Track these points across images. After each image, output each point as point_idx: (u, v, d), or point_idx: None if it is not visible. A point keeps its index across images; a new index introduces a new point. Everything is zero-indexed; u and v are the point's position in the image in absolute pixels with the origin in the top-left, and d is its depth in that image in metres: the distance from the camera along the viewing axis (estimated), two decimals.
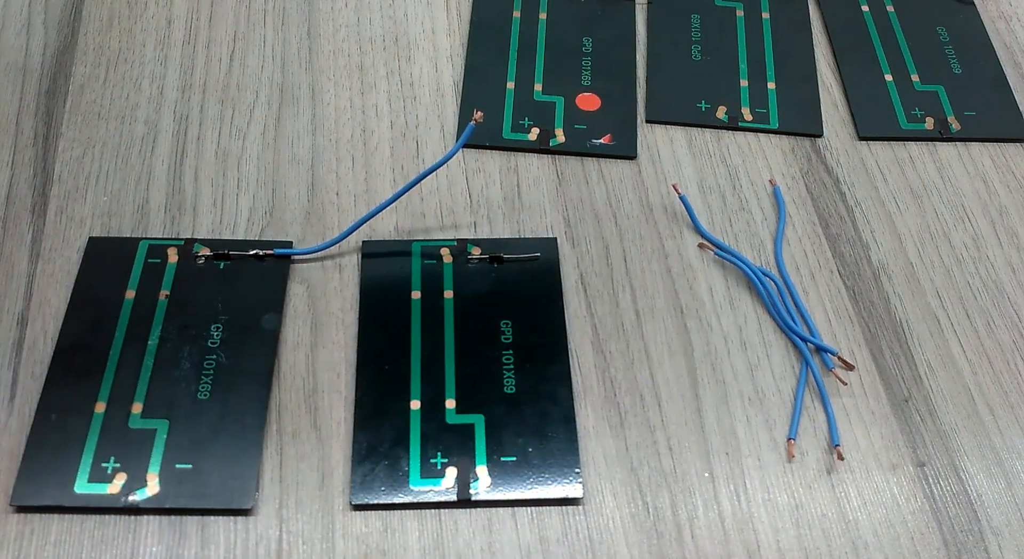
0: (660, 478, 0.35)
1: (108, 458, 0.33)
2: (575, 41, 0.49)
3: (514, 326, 0.38)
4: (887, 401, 0.38)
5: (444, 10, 0.49)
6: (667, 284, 0.40)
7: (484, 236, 0.41)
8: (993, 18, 0.52)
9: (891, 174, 0.45)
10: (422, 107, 0.45)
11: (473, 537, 0.33)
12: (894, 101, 0.48)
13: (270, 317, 0.38)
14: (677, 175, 0.44)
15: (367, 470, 0.34)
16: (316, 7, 0.49)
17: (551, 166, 0.44)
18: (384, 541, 0.33)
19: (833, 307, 0.40)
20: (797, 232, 0.43)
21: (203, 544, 0.32)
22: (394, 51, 0.48)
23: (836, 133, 0.46)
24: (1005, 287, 0.42)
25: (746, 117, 0.46)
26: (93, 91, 0.45)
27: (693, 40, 0.49)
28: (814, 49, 0.50)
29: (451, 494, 0.34)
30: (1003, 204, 0.44)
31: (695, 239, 0.42)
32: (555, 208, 0.42)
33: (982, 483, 0.36)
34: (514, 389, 0.36)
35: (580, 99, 0.46)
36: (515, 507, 0.34)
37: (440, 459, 0.34)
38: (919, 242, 0.43)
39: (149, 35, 0.47)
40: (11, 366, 0.36)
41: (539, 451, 0.35)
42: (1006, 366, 0.39)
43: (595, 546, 0.33)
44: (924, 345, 0.39)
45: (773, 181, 0.44)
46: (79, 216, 0.40)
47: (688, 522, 0.34)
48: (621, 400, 0.37)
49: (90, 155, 0.42)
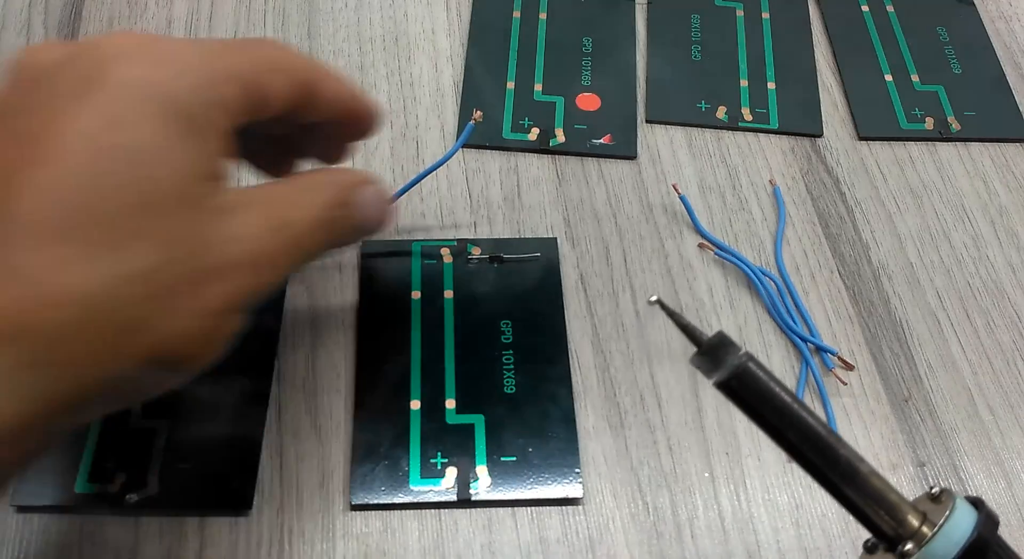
0: (660, 478, 0.35)
1: (108, 458, 0.33)
2: (575, 41, 0.49)
3: (514, 326, 0.38)
4: (887, 401, 0.38)
5: (444, 10, 0.49)
6: (667, 284, 0.40)
7: (484, 236, 0.41)
8: (993, 18, 0.52)
9: (891, 174, 0.45)
10: (422, 107, 0.45)
11: (473, 537, 0.33)
12: (894, 101, 0.48)
13: (269, 317, 0.38)
14: (677, 175, 0.44)
15: (367, 470, 0.34)
16: (316, 7, 0.49)
17: (551, 166, 0.44)
18: (384, 541, 0.33)
19: (833, 307, 0.40)
20: (797, 232, 0.43)
21: (203, 544, 0.32)
22: (394, 51, 0.48)
23: (836, 133, 0.46)
24: (1005, 287, 0.42)
25: (746, 117, 0.46)
26: None
27: (693, 40, 0.49)
28: (814, 49, 0.50)
29: (451, 494, 0.34)
30: (1003, 204, 0.44)
31: (695, 239, 0.42)
32: (555, 208, 0.42)
33: (982, 483, 0.36)
34: (514, 389, 0.36)
35: (580, 99, 0.46)
36: (515, 507, 0.34)
37: (440, 459, 0.34)
38: (919, 242, 0.43)
39: None
40: None
41: (539, 451, 0.35)
42: (1006, 366, 0.39)
43: (595, 546, 0.33)
44: (924, 345, 0.39)
45: (773, 181, 0.44)
46: None
47: (688, 522, 0.34)
48: (621, 400, 0.37)
49: None
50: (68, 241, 0.23)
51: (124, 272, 0.23)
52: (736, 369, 0.24)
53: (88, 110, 0.24)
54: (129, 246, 0.24)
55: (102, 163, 0.24)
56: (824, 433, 0.24)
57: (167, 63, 0.25)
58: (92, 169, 0.24)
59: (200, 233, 0.25)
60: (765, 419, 0.24)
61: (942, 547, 0.23)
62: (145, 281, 0.24)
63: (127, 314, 0.23)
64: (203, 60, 0.26)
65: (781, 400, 0.24)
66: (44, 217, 0.23)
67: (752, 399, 0.24)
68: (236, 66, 0.27)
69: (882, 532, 0.24)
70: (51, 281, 0.22)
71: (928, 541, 0.23)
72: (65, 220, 0.23)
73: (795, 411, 0.24)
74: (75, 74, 0.25)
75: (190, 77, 0.26)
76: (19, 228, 0.23)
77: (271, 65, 0.28)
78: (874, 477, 0.24)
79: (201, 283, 0.25)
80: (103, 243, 0.23)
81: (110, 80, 0.25)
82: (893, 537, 0.24)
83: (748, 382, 0.24)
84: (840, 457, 0.24)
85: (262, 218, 0.27)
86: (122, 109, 0.24)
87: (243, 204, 0.27)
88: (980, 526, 0.23)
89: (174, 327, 0.24)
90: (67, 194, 0.23)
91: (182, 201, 0.25)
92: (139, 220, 0.24)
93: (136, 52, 0.25)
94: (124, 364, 0.24)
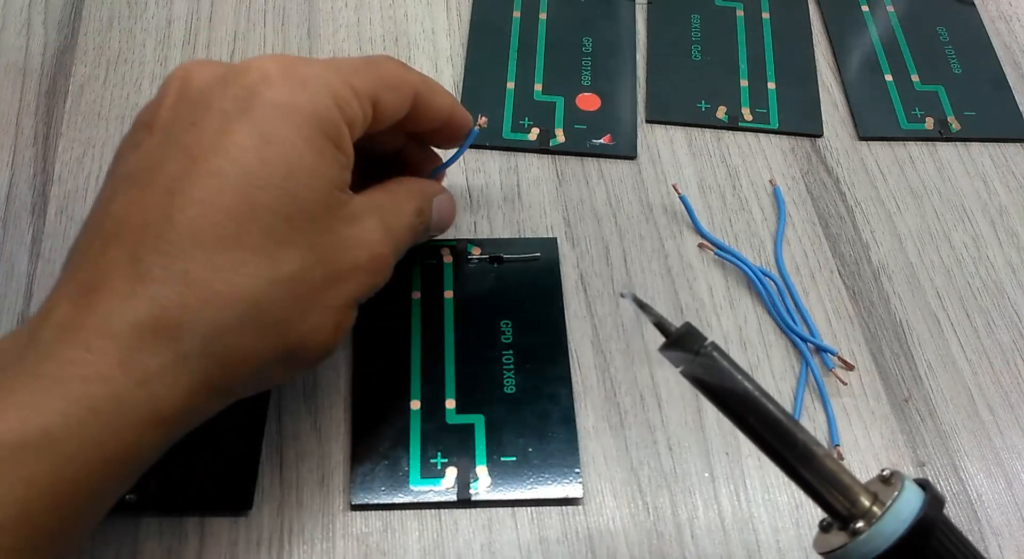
0: (660, 478, 0.35)
1: None
2: (575, 41, 0.49)
3: (514, 326, 0.38)
4: (887, 401, 0.38)
5: (444, 10, 0.49)
6: (667, 284, 0.40)
7: (484, 236, 0.41)
8: (993, 18, 0.52)
9: (891, 174, 0.45)
10: None
11: (473, 537, 0.33)
12: (894, 101, 0.48)
13: None
14: (677, 175, 0.44)
15: (367, 470, 0.34)
16: (316, 7, 0.49)
17: (551, 166, 0.44)
18: (384, 541, 0.33)
19: (833, 307, 0.40)
20: (797, 232, 0.43)
21: (203, 544, 0.32)
22: (394, 51, 0.48)
23: (836, 133, 0.46)
24: (1005, 287, 0.42)
25: (746, 117, 0.46)
26: (93, 91, 0.45)
27: (693, 40, 0.49)
28: (814, 49, 0.50)
29: (451, 494, 0.34)
30: (1003, 204, 0.44)
31: (695, 239, 0.42)
32: (555, 208, 0.42)
33: (982, 483, 0.36)
34: (514, 389, 0.36)
35: (580, 99, 0.46)
36: (515, 507, 0.34)
37: (440, 459, 0.34)
38: (919, 242, 0.43)
39: (149, 35, 0.47)
40: None
41: (539, 451, 0.35)
42: (1006, 366, 0.39)
43: (595, 546, 0.33)
44: (924, 345, 0.39)
45: (773, 181, 0.44)
46: (79, 216, 0.40)
47: (688, 522, 0.34)
48: (621, 400, 0.37)
49: (90, 155, 0.42)
50: (229, 247, 0.26)
51: (277, 276, 0.27)
52: (700, 358, 0.25)
53: (245, 128, 0.27)
54: (281, 252, 0.27)
55: (259, 176, 0.26)
56: (783, 419, 0.25)
57: (309, 85, 0.28)
58: (250, 181, 0.26)
59: (336, 239, 0.28)
60: (728, 405, 0.25)
61: (890, 525, 0.24)
62: (293, 284, 0.27)
63: (276, 314, 0.27)
64: (339, 80, 0.29)
65: (743, 387, 0.25)
66: (208, 224, 0.26)
67: (716, 386, 0.25)
68: (364, 86, 0.30)
69: (836, 511, 0.25)
70: (213, 283, 0.25)
71: (877, 520, 0.24)
72: (227, 227, 0.26)
73: (756, 398, 0.25)
74: (231, 94, 0.28)
75: (329, 98, 0.28)
76: (185, 235, 0.26)
77: (389, 82, 0.31)
78: (829, 460, 0.25)
79: (333, 284, 0.28)
80: (259, 249, 0.26)
81: (262, 101, 0.27)
82: (846, 516, 0.25)
83: (712, 370, 0.25)
84: (798, 441, 0.25)
85: (379, 224, 0.30)
86: (274, 127, 0.27)
87: (364, 211, 0.30)
88: (926, 506, 0.25)
89: (309, 324, 0.28)
90: (229, 203, 0.26)
91: (325, 210, 0.28)
92: (289, 228, 0.27)
93: (281, 75, 0.28)
94: (268, 358, 0.27)
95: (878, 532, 0.24)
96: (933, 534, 0.25)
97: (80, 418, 0.24)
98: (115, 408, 0.24)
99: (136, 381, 0.25)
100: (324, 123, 0.28)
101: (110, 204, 0.27)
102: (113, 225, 0.27)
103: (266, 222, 0.27)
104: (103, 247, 0.26)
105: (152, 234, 0.26)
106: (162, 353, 0.25)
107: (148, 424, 0.25)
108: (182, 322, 0.25)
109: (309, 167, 0.28)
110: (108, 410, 0.24)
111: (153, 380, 0.25)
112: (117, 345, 0.25)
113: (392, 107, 0.31)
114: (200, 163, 0.26)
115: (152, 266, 0.25)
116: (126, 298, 0.25)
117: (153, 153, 0.27)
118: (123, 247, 0.26)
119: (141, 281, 0.25)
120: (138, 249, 0.26)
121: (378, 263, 0.30)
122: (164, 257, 0.25)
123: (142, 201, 0.27)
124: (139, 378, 0.25)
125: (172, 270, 0.25)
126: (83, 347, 0.24)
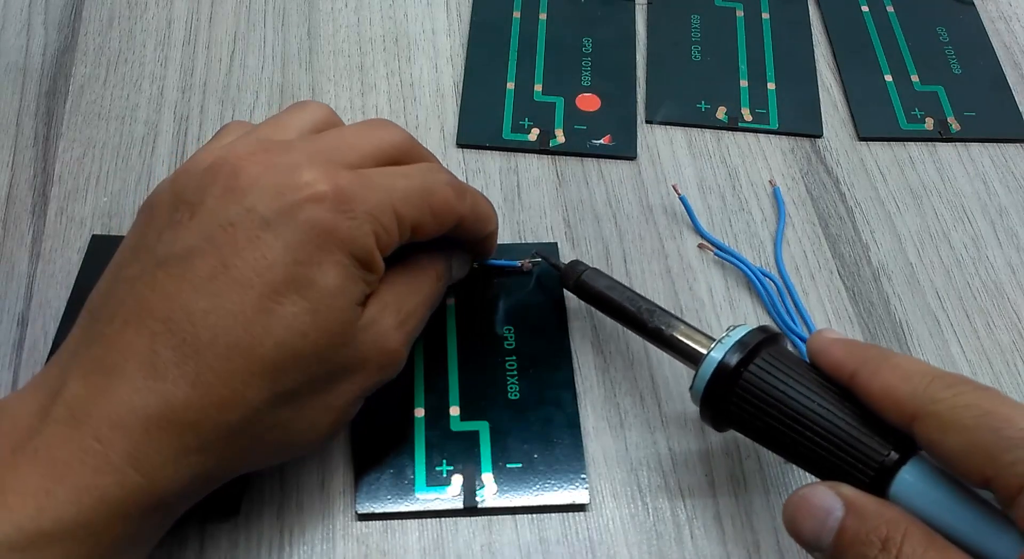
0: (660, 478, 0.35)
1: None
2: (575, 41, 0.49)
3: (517, 332, 0.38)
4: None
5: (444, 10, 0.49)
6: (667, 284, 0.40)
7: None
8: (993, 18, 0.52)
9: (891, 174, 0.45)
10: (422, 108, 0.45)
11: (473, 538, 0.33)
12: (894, 101, 0.48)
13: None
14: (677, 175, 0.44)
15: (372, 480, 0.34)
16: (316, 7, 0.49)
17: (551, 167, 0.44)
18: (384, 542, 0.33)
19: (833, 307, 0.40)
20: (797, 232, 0.43)
21: (203, 547, 0.33)
22: (394, 51, 0.48)
23: (836, 133, 0.46)
24: (1005, 287, 0.42)
25: (746, 117, 0.46)
26: (93, 91, 0.45)
27: (693, 40, 0.49)
28: (814, 49, 0.50)
29: (457, 501, 0.33)
30: (1003, 204, 0.44)
31: (695, 239, 0.42)
32: (555, 209, 0.42)
33: None
34: (518, 395, 0.36)
35: (580, 99, 0.46)
36: (520, 513, 0.34)
37: (445, 466, 0.34)
38: (919, 242, 0.43)
39: (149, 36, 0.47)
40: (11, 367, 0.36)
41: (544, 457, 0.35)
42: (1006, 367, 0.39)
43: (595, 546, 0.33)
44: (924, 345, 0.40)
45: (773, 181, 0.44)
46: (79, 217, 0.40)
47: (688, 522, 0.34)
48: (621, 400, 0.37)
49: (90, 155, 0.42)
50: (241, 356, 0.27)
51: (283, 389, 0.28)
52: (579, 277, 0.36)
53: (279, 243, 0.28)
54: (291, 365, 0.28)
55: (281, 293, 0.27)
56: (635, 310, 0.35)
57: (355, 214, 0.29)
58: (272, 297, 0.27)
59: (344, 353, 0.29)
60: (604, 309, 0.36)
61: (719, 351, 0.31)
62: (297, 396, 0.28)
63: (274, 420, 0.28)
64: (385, 208, 0.29)
65: (609, 295, 0.35)
66: (224, 331, 0.27)
67: (593, 296, 0.36)
68: (410, 215, 0.30)
69: (690, 357, 0.33)
70: (220, 389, 0.27)
71: (715, 345, 0.31)
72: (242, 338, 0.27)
73: (619, 302, 0.35)
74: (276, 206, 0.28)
75: (369, 227, 0.29)
76: (203, 338, 0.27)
77: (437, 211, 0.31)
78: (677, 331, 0.33)
79: (339, 384, 0.29)
80: (269, 363, 0.27)
81: (303, 219, 0.28)
82: (696, 357, 0.32)
83: (588, 286, 0.36)
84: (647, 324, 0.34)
85: (392, 317, 0.31)
86: (306, 249, 0.28)
87: (378, 311, 0.30)
88: (751, 333, 0.31)
89: (306, 423, 0.29)
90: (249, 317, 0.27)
91: (342, 326, 0.29)
92: (304, 343, 0.28)
93: (331, 195, 0.28)
94: (266, 453, 0.29)
95: (711, 358, 0.31)
96: (758, 353, 0.30)
97: (91, 506, 0.25)
98: (122, 497, 0.26)
99: (142, 472, 0.26)
100: (358, 250, 0.29)
101: (136, 282, 0.28)
102: (136, 306, 0.27)
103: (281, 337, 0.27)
104: (123, 326, 0.27)
105: (172, 330, 0.27)
106: (166, 448, 0.26)
107: (151, 510, 0.27)
108: (186, 421, 0.26)
109: (332, 288, 0.28)
110: (115, 498, 0.26)
111: (156, 471, 0.26)
112: (126, 438, 0.26)
113: (431, 232, 0.32)
114: (230, 270, 0.27)
115: (168, 363, 0.26)
116: (138, 390, 0.26)
117: (188, 241, 0.28)
118: (142, 334, 0.27)
119: (155, 375, 0.26)
120: (156, 342, 0.27)
121: (390, 358, 0.31)
122: (179, 355, 0.27)
123: (168, 292, 0.27)
124: (145, 470, 0.26)
125: (184, 369, 0.26)
126: (94, 437, 0.26)
